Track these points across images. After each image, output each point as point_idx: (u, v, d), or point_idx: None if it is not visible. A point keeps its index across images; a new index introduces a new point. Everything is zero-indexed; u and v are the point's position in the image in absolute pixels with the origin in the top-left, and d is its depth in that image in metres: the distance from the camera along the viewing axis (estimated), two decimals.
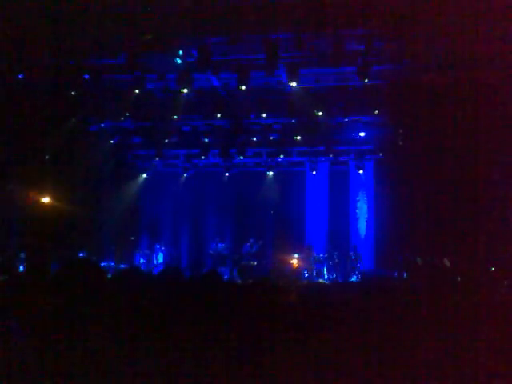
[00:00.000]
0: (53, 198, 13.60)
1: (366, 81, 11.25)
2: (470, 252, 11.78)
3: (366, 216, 16.33)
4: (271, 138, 15.16)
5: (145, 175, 17.61)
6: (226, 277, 15.31)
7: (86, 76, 12.02)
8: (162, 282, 4.89)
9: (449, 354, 3.41)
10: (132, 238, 17.33)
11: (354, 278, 14.23)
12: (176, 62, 11.20)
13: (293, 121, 14.33)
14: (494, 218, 11.94)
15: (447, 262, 12.21)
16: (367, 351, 3.38)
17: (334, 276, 14.73)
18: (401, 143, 14.16)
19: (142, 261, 16.42)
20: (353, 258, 14.89)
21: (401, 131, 14.10)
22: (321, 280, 14.07)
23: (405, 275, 12.80)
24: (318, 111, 13.28)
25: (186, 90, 12.04)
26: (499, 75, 9.87)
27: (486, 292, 4.55)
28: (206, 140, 15.48)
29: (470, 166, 12.17)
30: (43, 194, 13.39)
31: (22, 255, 13.72)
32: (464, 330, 3.67)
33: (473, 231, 12.15)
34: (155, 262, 16.51)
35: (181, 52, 11.03)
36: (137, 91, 12.28)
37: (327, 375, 3.22)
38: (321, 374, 3.22)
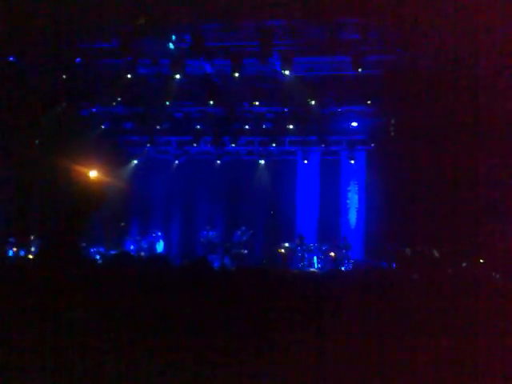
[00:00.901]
0: (42, 182, 13.51)
1: (360, 70, 11.21)
2: (459, 243, 11.86)
3: (357, 206, 16.37)
4: (264, 126, 15.11)
5: (136, 161, 17.52)
6: (216, 264, 15.31)
7: (78, 60, 11.89)
8: (150, 269, 4.87)
9: (439, 344, 3.44)
10: (122, 224, 17.27)
11: (344, 268, 14.27)
12: (169, 47, 11.10)
13: (286, 109, 14.28)
14: (485, 210, 12.01)
15: (436, 253, 12.28)
16: (360, 341, 3.40)
17: (324, 265, 14.77)
18: (393, 134, 14.17)
19: (132, 247, 16.37)
20: (343, 247, 14.93)
21: (393, 122, 14.10)
22: (312, 269, 14.12)
23: (394, 265, 12.86)
24: (311, 100, 13.24)
25: (178, 76, 11.95)
26: (496, 66, 9.87)
27: (476, 283, 4.58)
28: (199, 127, 15.39)
29: (461, 157, 12.21)
30: (32, 178, 13.30)
31: (12, 240, 13.66)
32: (454, 319, 3.70)
33: (462, 222, 12.22)
34: (157, 249, 16.39)
35: (174, 37, 10.93)
36: (129, 76, 12.16)
37: (321, 361, 3.23)
38: (315, 360, 3.24)
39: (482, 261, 11.06)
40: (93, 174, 12.77)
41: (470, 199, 12.34)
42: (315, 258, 15.07)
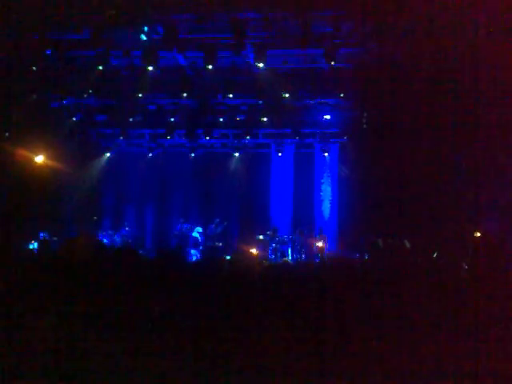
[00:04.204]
0: (12, 176, 13.24)
1: (333, 63, 11.28)
2: (430, 234, 12.07)
3: (330, 198, 16.52)
4: (238, 119, 15.09)
5: (108, 154, 17.33)
6: (190, 258, 15.27)
7: (48, 51, 11.68)
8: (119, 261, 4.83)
9: (408, 333, 3.52)
10: (95, 218, 17.09)
11: (318, 259, 14.39)
12: (141, 39, 10.99)
13: (260, 102, 14.29)
14: (455, 201, 12.24)
15: (407, 244, 12.46)
16: (328, 329, 3.45)
17: (299, 256, 14.89)
18: (365, 126, 14.30)
19: (104, 241, 16.20)
20: (318, 239, 15.05)
21: (366, 114, 14.23)
22: (285, 259, 14.19)
23: (366, 257, 13.00)
24: (285, 93, 13.26)
25: (151, 68, 11.84)
26: (467, 59, 10.00)
27: (445, 273, 4.68)
28: (172, 120, 15.29)
29: (433, 149, 12.40)
30: (1, 172, 13.02)
31: None
32: (423, 310, 3.78)
33: (433, 213, 12.44)
34: (199, 238, 15.87)
35: (146, 28, 10.82)
36: (101, 67, 12.01)
37: (290, 348, 3.27)
38: (284, 347, 3.28)
39: (451, 252, 11.26)
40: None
41: (441, 191, 12.56)
42: (289, 249, 15.17)
